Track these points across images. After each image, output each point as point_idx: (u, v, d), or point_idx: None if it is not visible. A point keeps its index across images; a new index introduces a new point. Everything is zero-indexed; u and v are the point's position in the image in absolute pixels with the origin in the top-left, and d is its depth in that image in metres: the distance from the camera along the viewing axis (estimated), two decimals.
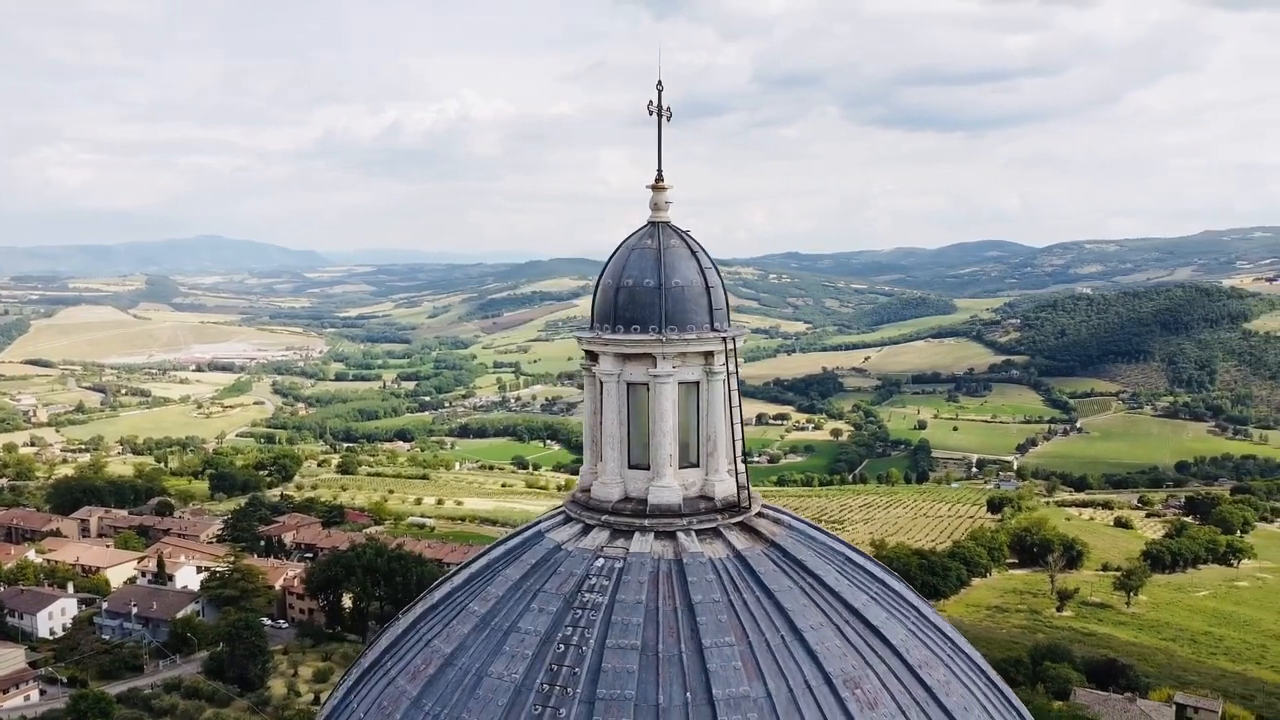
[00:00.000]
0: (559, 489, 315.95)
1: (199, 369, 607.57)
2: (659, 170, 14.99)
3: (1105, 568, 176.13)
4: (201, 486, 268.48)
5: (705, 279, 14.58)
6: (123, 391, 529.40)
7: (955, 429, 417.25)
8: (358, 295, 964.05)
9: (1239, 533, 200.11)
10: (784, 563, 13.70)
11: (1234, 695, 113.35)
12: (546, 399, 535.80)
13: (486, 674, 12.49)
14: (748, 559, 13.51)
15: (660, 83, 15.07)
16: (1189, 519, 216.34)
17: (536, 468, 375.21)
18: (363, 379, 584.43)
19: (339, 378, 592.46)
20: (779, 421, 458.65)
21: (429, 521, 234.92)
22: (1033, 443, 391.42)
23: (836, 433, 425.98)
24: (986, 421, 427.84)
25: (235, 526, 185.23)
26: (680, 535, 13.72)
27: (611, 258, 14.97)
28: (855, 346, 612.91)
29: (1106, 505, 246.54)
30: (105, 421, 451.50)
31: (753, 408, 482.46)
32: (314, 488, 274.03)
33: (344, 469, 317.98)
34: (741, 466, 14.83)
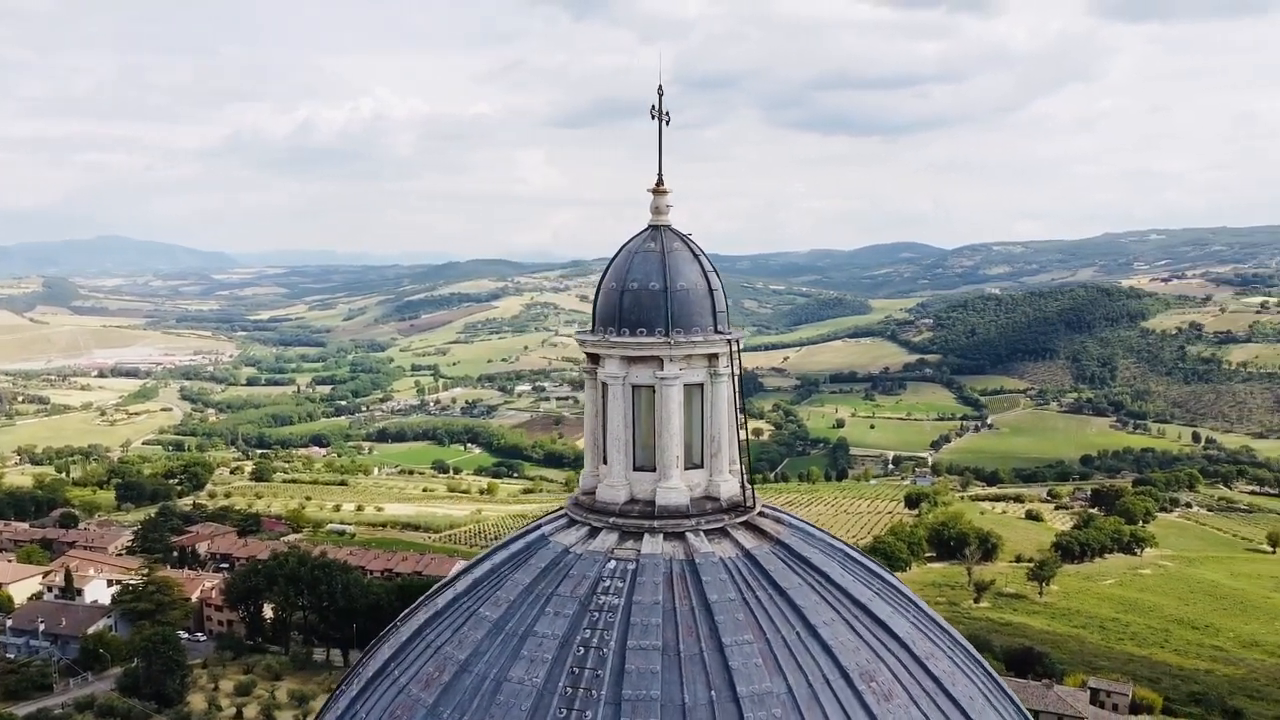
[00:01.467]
0: (482, 493, 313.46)
1: (101, 375, 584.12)
2: (659, 174, 15.09)
3: (1019, 559, 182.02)
4: (107, 497, 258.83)
5: (709, 282, 14.76)
6: (19, 399, 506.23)
7: (872, 427, 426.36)
8: (269, 297, 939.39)
9: (1141, 523, 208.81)
10: (791, 560, 13.96)
11: (1141, 679, 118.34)
12: (467, 402, 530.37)
13: (506, 679, 12.44)
14: (757, 558, 13.73)
15: (660, 87, 15.16)
16: (1095, 511, 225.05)
17: (458, 471, 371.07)
18: (276, 383, 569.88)
19: (251, 382, 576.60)
20: None
21: (349, 528, 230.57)
22: (946, 439, 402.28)
23: (757, 432, 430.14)
24: (902, 419, 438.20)
25: (146, 537, 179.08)
26: (689, 536, 13.87)
27: (613, 261, 15.02)
28: (774, 347, 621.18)
29: (1018, 499, 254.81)
30: (0, 431, 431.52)
31: None
32: (227, 496, 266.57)
33: (258, 476, 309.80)
34: (738, 467, 15.02)
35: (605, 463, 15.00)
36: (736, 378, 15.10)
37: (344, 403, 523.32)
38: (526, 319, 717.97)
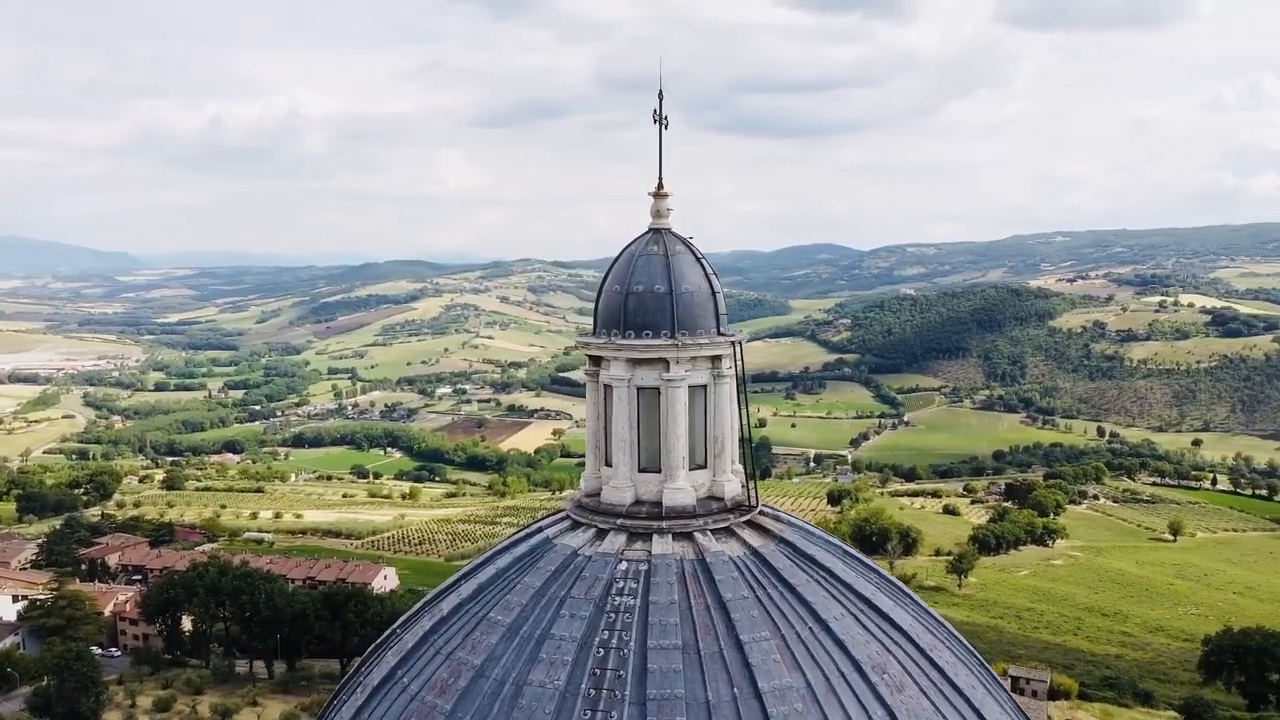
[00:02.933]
0: (404, 498, 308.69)
1: None
2: (660, 178, 15.21)
3: (938, 553, 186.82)
4: (7, 508, 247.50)
5: (711, 284, 14.93)
6: None
7: (794, 425, 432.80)
8: (177, 300, 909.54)
9: (1052, 515, 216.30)
10: (796, 558, 14.22)
11: (1058, 665, 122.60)
12: (386, 405, 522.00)
13: (526, 683, 12.41)
14: (765, 556, 13.95)
15: (661, 91, 15.28)
16: (1008, 504, 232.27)
17: (378, 476, 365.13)
18: (186, 388, 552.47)
19: (159, 388, 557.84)
20: None
21: (267, 536, 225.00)
22: (865, 437, 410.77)
23: None
24: (822, 418, 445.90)
25: (52, 550, 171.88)
26: (698, 535, 14.02)
27: (614, 264, 15.09)
28: None
29: (935, 494, 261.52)
30: None
31: None
32: (137, 505, 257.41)
33: (169, 484, 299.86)
34: (739, 466, 15.23)
35: (607, 465, 15.08)
36: (740, 379, 15.29)
37: (258, 407, 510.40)
38: (446, 321, 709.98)
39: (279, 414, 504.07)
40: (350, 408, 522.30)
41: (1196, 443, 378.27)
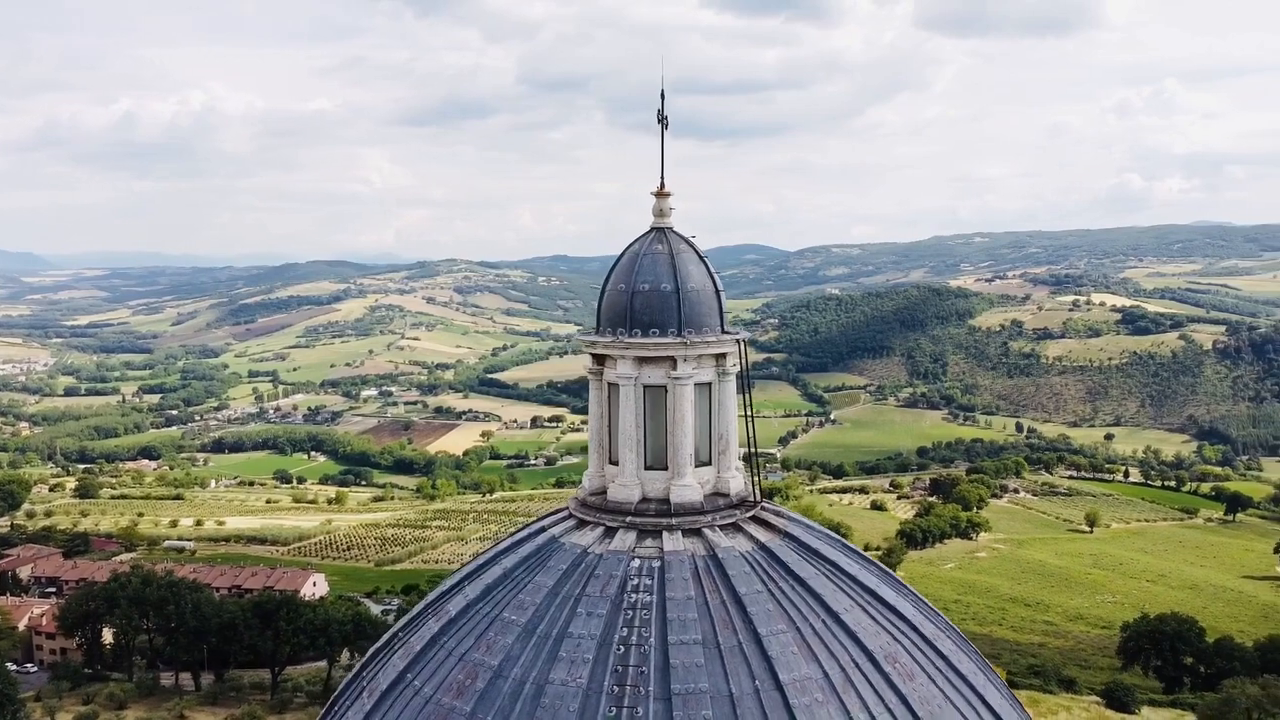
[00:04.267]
0: (330, 503, 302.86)
1: None
2: (661, 178, 15.29)
3: (867, 548, 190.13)
4: None
5: (714, 283, 15.06)
6: None
7: None
8: (88, 301, 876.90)
9: (976, 509, 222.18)
10: (803, 552, 14.45)
11: (986, 656, 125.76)
12: (309, 409, 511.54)
13: (547, 682, 12.38)
14: (773, 550, 14.14)
15: (663, 92, 15.36)
16: (934, 499, 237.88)
17: (302, 481, 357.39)
18: (98, 393, 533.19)
19: (69, 392, 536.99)
20: (554, 424, 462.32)
21: (189, 544, 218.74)
22: (793, 435, 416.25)
23: None
24: (752, 416, 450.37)
25: None
26: (706, 531, 14.15)
27: (617, 263, 15.12)
28: None
29: (863, 490, 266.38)
30: None
31: (527, 410, 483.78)
32: (49, 515, 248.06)
33: (83, 492, 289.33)
34: (740, 464, 15.40)
35: (611, 463, 15.11)
36: (745, 376, 15.45)
37: (175, 412, 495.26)
38: (371, 322, 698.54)
39: (197, 419, 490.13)
40: (272, 411, 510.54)
41: (1109, 437, 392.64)
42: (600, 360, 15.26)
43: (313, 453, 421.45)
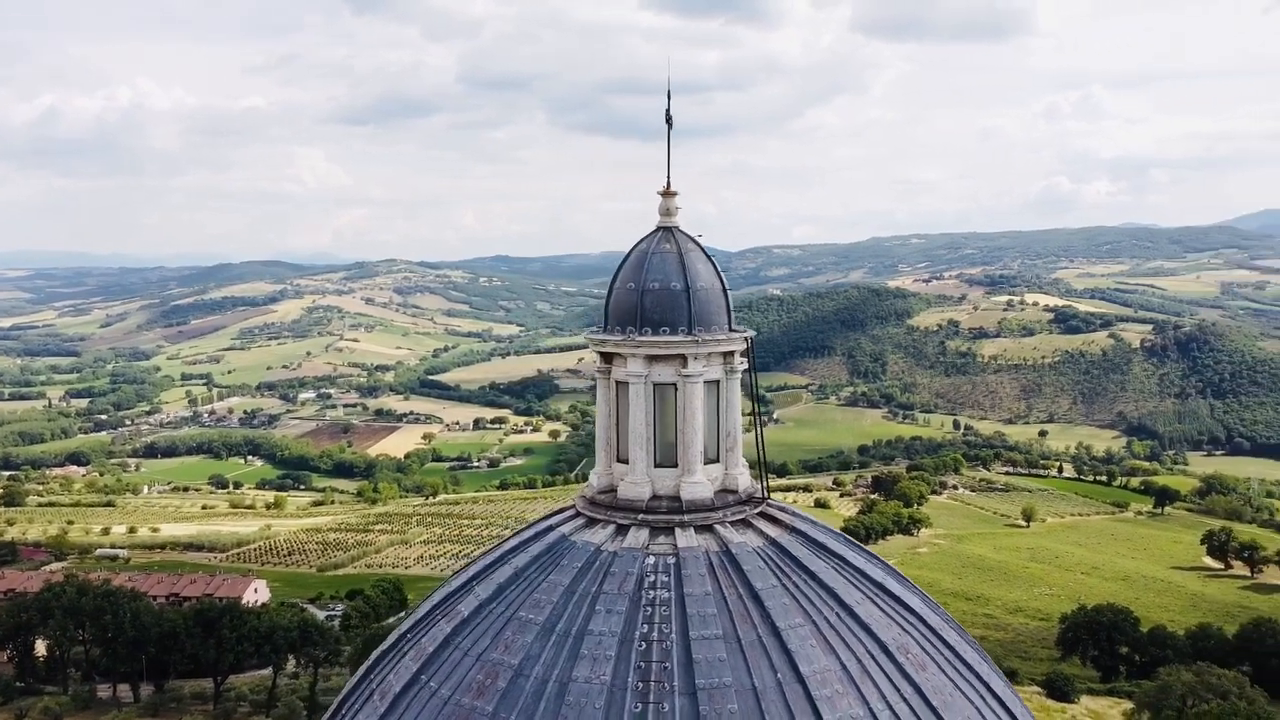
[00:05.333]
0: (268, 507, 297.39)
1: None
2: (668, 177, 15.40)
3: None
4: None
5: (721, 281, 15.21)
6: None
7: None
8: (10, 303, 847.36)
9: (916, 505, 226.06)
10: (811, 546, 14.66)
11: None
12: (245, 412, 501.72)
13: (570, 680, 12.39)
14: (784, 545, 14.32)
15: (669, 92, 15.44)
16: (875, 496, 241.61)
17: (238, 486, 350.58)
18: (22, 398, 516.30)
19: None
20: (497, 425, 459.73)
21: (122, 552, 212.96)
22: None
23: (555, 434, 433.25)
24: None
25: None
26: (718, 528, 14.29)
27: (625, 261, 15.20)
28: (569, 348, 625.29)
29: (806, 488, 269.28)
30: None
31: (470, 412, 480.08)
32: None
33: (8, 500, 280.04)
34: (743, 460, 15.56)
35: (619, 461, 15.17)
36: (753, 373, 15.62)
37: (105, 417, 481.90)
38: (308, 323, 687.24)
39: (128, 423, 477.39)
40: (207, 415, 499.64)
41: (1043, 433, 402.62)
42: (608, 359, 15.32)
43: (249, 457, 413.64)
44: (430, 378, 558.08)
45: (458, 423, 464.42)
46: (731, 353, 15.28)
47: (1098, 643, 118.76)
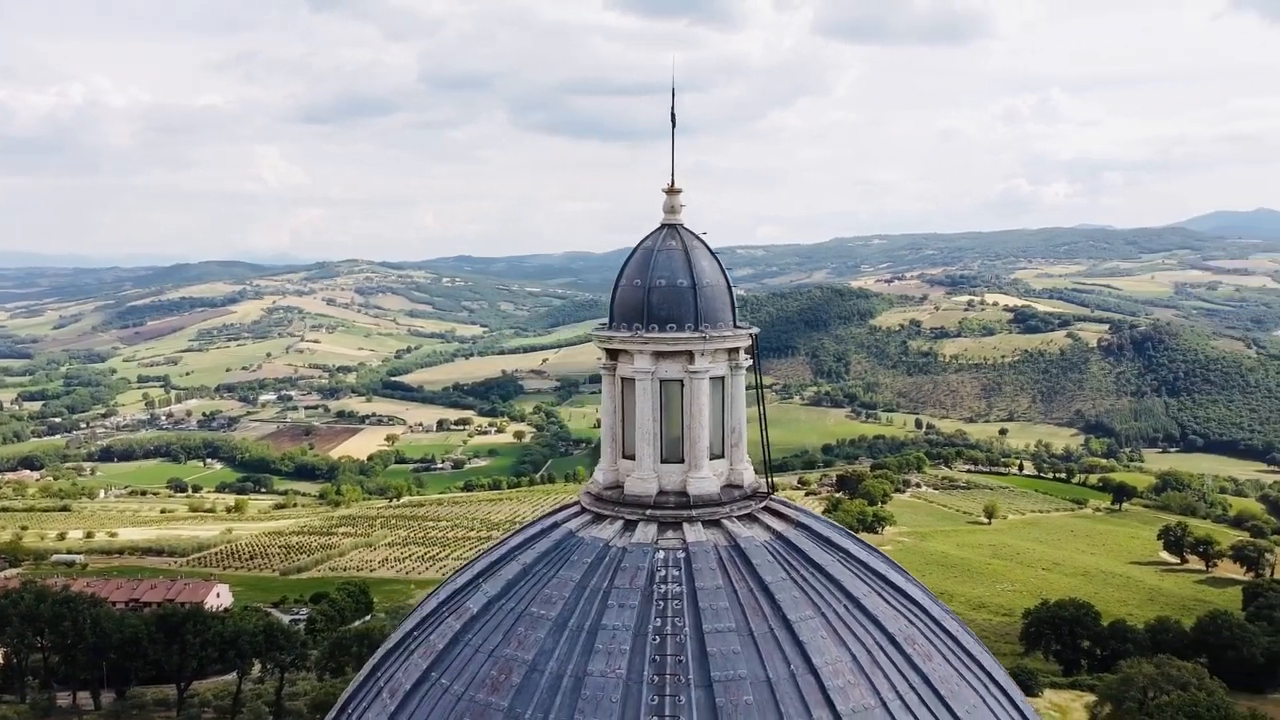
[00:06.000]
0: (229, 511, 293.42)
1: None
2: (672, 175, 15.47)
3: None
4: None
5: (726, 278, 15.33)
6: None
7: None
8: None
9: (880, 503, 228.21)
10: (816, 540, 14.84)
11: None
12: (204, 414, 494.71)
13: (586, 674, 12.45)
14: (790, 539, 14.49)
15: (674, 90, 15.53)
16: (840, 495, 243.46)
17: (197, 489, 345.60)
18: None
19: None
20: (460, 426, 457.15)
21: (79, 558, 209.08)
22: None
23: (519, 435, 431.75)
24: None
25: None
26: (725, 522, 14.42)
27: (630, 259, 15.27)
28: (532, 349, 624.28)
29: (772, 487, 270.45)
30: None
31: (434, 413, 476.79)
32: None
33: None
34: (746, 456, 15.70)
35: (625, 457, 15.24)
36: (758, 369, 15.75)
37: (59, 420, 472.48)
38: (268, 324, 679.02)
39: (83, 426, 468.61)
40: (164, 418, 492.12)
41: (1003, 432, 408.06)
42: (614, 355, 15.38)
43: (209, 460, 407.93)
44: (393, 379, 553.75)
45: (421, 424, 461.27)
46: (736, 349, 15.43)
47: (1060, 637, 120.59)
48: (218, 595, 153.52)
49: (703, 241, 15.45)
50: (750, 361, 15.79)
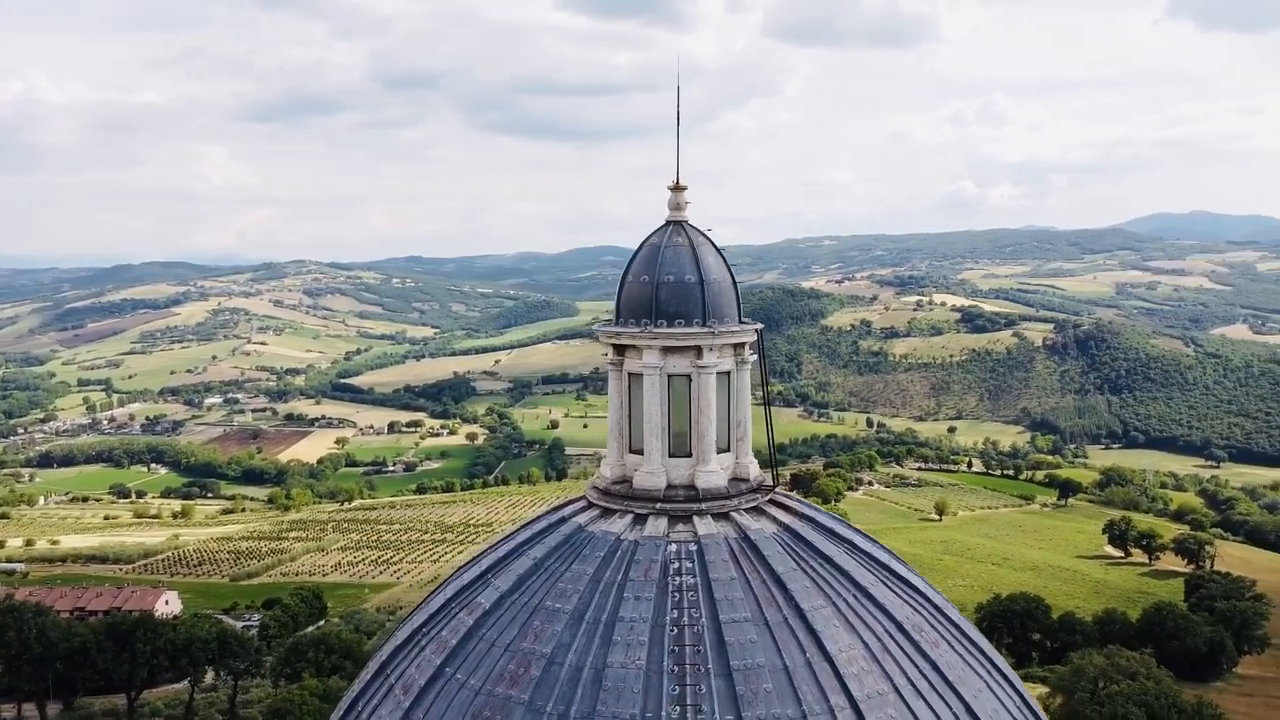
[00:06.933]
0: (175, 517, 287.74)
1: None
2: (677, 173, 15.63)
3: None
4: None
5: (731, 274, 15.51)
6: None
7: (585, 426, 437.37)
8: None
9: (834, 501, 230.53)
10: (822, 532, 15.09)
11: None
12: (148, 418, 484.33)
13: (606, 665, 12.55)
14: (797, 531, 14.71)
15: (679, 88, 15.67)
16: (794, 493, 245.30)
17: (141, 495, 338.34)
18: None
19: None
20: (412, 429, 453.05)
21: (20, 566, 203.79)
22: None
23: (472, 436, 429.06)
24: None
25: None
26: (734, 515, 14.60)
27: (636, 255, 15.41)
28: (485, 350, 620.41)
29: None
30: None
31: (384, 415, 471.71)
32: None
33: None
34: (750, 450, 15.90)
35: (632, 452, 15.36)
36: (763, 364, 15.95)
37: None
38: (214, 326, 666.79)
39: (21, 431, 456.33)
40: (106, 422, 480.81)
41: (952, 430, 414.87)
42: (620, 351, 15.49)
43: (153, 465, 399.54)
44: (342, 381, 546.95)
45: (372, 426, 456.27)
46: (742, 344, 15.63)
47: (1012, 630, 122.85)
48: (166, 602, 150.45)
49: (708, 238, 15.64)
50: (754, 356, 15.96)
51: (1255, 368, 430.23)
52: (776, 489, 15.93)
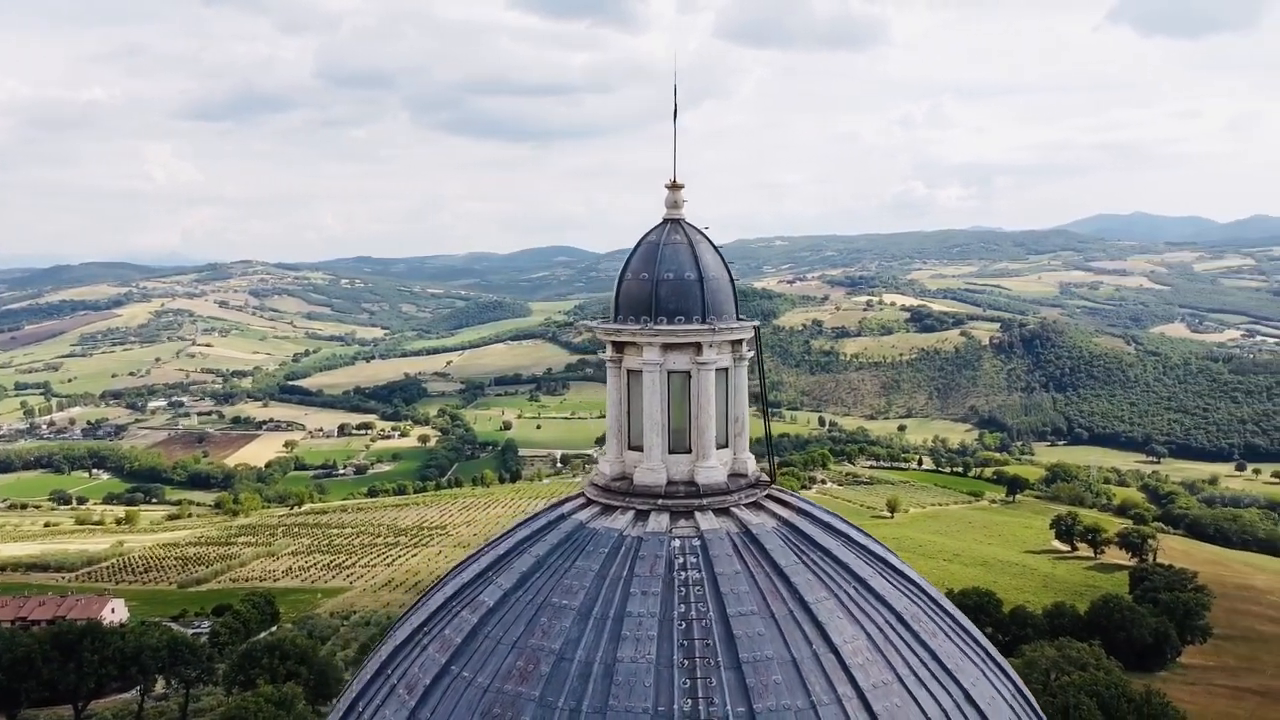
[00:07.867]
0: (119, 523, 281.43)
1: None
2: (674, 171, 15.72)
3: None
4: None
5: (729, 272, 15.64)
6: None
7: (539, 427, 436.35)
8: None
9: None
10: (819, 526, 15.30)
11: None
12: (89, 422, 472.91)
13: (616, 660, 12.59)
14: (796, 525, 14.91)
15: (676, 86, 15.75)
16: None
17: (83, 501, 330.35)
18: None
19: None
20: (363, 431, 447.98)
21: None
22: None
23: (424, 438, 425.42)
24: (567, 418, 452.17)
25: None
26: (734, 510, 14.74)
27: (635, 252, 15.47)
28: (436, 351, 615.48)
29: None
30: None
31: (335, 418, 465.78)
32: None
33: None
34: (747, 445, 16.06)
35: (631, 448, 15.43)
36: (760, 360, 16.09)
37: None
38: (157, 328, 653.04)
39: None
40: (45, 427, 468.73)
41: (902, 428, 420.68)
42: (619, 348, 15.55)
43: (94, 470, 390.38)
44: (290, 383, 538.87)
45: (321, 429, 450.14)
46: (739, 341, 15.79)
47: None
48: (113, 610, 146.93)
49: (705, 236, 15.77)
50: (751, 353, 16.13)
51: (1193, 365, 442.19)
52: (774, 484, 16.10)
